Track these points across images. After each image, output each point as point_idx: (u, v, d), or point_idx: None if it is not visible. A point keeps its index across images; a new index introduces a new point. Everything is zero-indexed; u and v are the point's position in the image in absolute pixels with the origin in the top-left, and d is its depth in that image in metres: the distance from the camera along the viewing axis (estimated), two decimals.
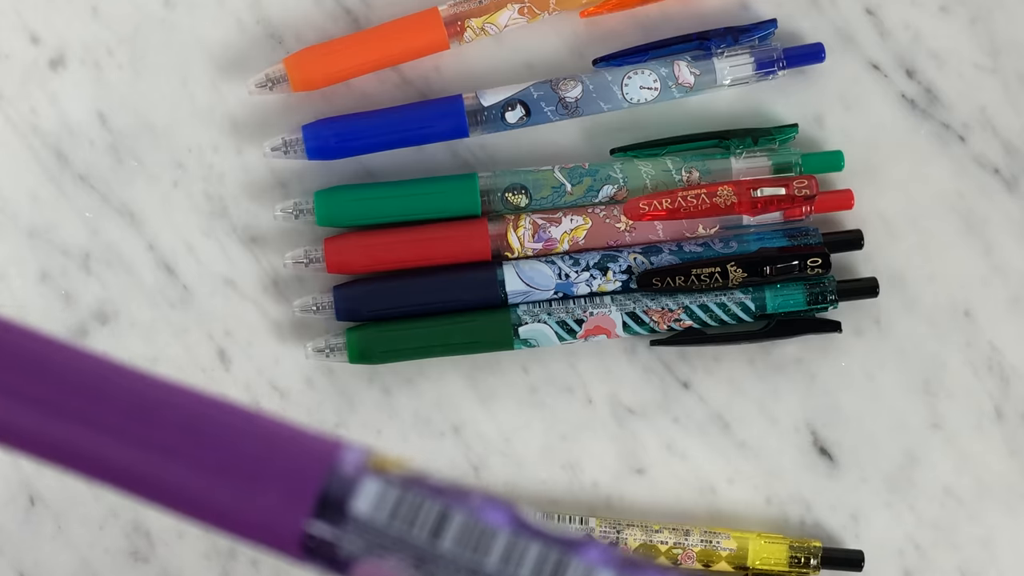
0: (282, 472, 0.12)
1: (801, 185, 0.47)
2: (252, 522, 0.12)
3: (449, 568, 0.12)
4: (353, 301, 0.48)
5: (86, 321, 0.49)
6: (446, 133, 0.48)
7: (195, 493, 0.12)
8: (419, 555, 0.12)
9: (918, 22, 0.50)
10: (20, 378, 0.12)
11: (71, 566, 0.49)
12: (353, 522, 0.12)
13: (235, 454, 0.12)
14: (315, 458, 0.12)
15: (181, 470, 0.12)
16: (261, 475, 0.12)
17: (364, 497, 0.12)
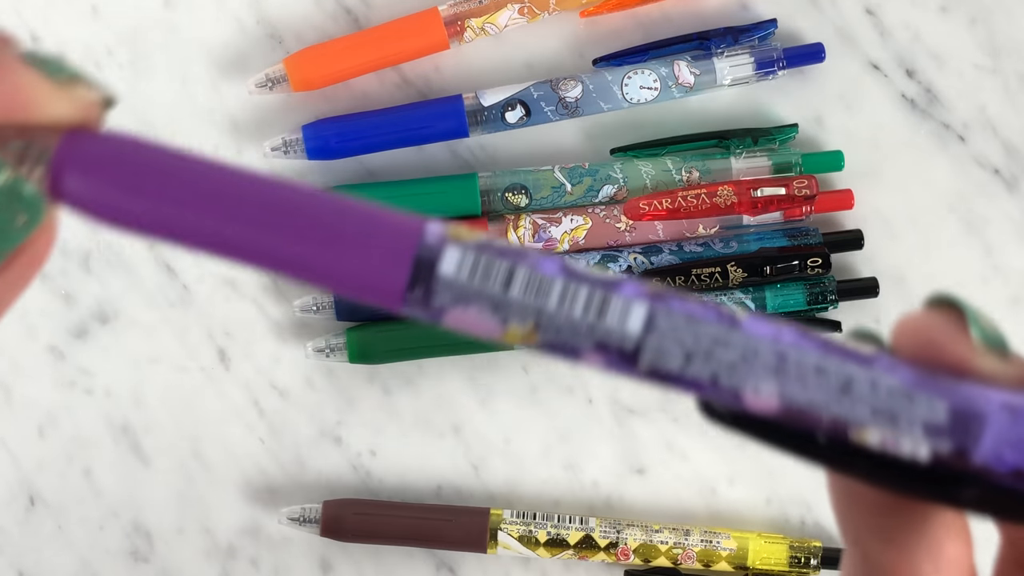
0: (385, 243, 0.16)
1: (801, 185, 0.47)
2: (366, 284, 0.17)
3: (518, 310, 0.16)
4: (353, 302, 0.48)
5: (86, 321, 0.49)
6: (446, 133, 0.48)
7: (324, 266, 0.16)
8: (495, 302, 0.16)
9: (918, 22, 0.50)
10: (201, 203, 0.17)
11: (71, 566, 0.49)
12: (440, 280, 0.16)
13: (349, 232, 0.16)
14: (408, 231, 0.17)
15: (314, 249, 0.16)
16: (371, 247, 0.16)
17: (448, 261, 0.16)
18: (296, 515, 0.47)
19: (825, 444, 0.17)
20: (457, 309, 0.17)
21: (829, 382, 0.16)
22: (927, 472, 0.17)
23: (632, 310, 0.17)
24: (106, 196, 0.17)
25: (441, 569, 0.49)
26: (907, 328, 0.17)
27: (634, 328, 0.16)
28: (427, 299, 0.17)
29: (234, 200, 0.17)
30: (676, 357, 0.16)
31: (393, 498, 0.49)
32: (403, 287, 0.17)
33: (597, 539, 0.47)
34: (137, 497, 0.49)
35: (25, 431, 0.49)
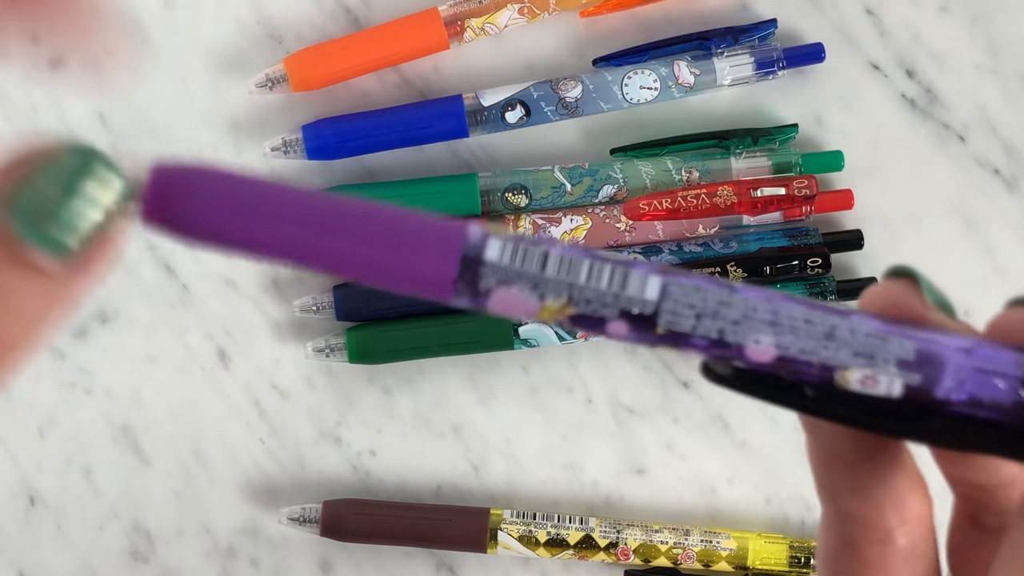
0: (436, 243, 0.19)
1: (801, 185, 0.47)
2: (421, 277, 0.20)
3: (553, 287, 0.20)
4: (353, 301, 0.48)
5: (86, 321, 0.49)
6: (446, 133, 0.48)
7: (382, 267, 0.19)
8: (533, 281, 0.20)
9: (918, 22, 0.50)
10: (266, 220, 0.19)
11: (71, 566, 0.49)
12: (486, 266, 0.20)
13: (403, 236, 0.19)
14: (454, 231, 0.20)
15: (372, 252, 0.19)
16: (423, 247, 0.19)
17: (491, 250, 0.20)
18: (296, 515, 0.47)
19: (813, 393, 0.20)
20: (500, 290, 0.20)
21: (816, 330, 0.19)
22: (900, 409, 0.19)
23: (649, 281, 0.20)
24: (202, 220, 0.20)
25: (441, 569, 0.49)
26: (873, 294, 0.20)
27: (652, 295, 0.19)
28: (475, 284, 0.20)
29: (310, 217, 0.20)
30: (688, 318, 0.19)
31: (393, 498, 0.49)
32: (454, 277, 0.20)
33: (597, 539, 0.47)
34: (137, 497, 0.49)
35: (25, 431, 0.49)
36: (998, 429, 0.19)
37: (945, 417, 0.20)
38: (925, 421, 0.20)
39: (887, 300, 0.20)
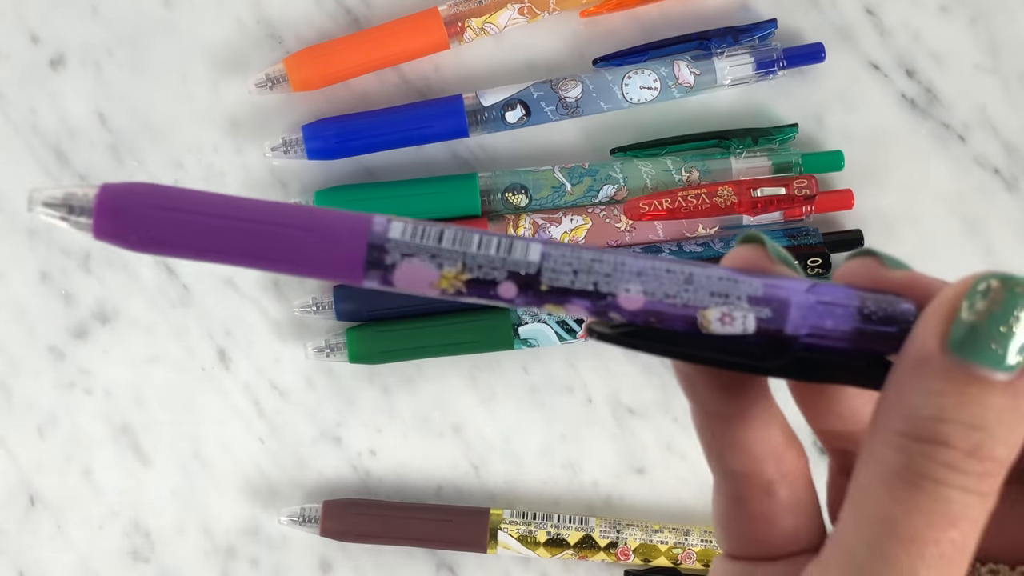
0: (347, 231, 0.22)
1: (801, 185, 0.47)
2: (335, 263, 0.22)
3: (448, 256, 0.22)
4: (353, 301, 0.48)
5: (86, 321, 0.49)
6: (446, 133, 0.48)
7: (301, 257, 0.22)
8: (431, 252, 0.23)
9: (918, 22, 0.50)
10: (197, 231, 0.22)
11: (71, 566, 0.49)
12: (391, 242, 0.22)
13: (317, 228, 0.22)
14: (361, 220, 0.23)
15: (292, 245, 0.22)
16: (336, 235, 0.22)
17: (394, 230, 0.23)
18: (296, 515, 0.47)
19: (682, 339, 0.22)
20: (404, 263, 0.22)
21: (677, 277, 0.22)
22: (757, 347, 0.22)
23: (531, 247, 0.22)
24: (136, 231, 0.22)
25: (441, 569, 0.49)
26: (728, 256, 0.23)
27: (534, 258, 0.22)
28: (381, 261, 0.22)
29: (232, 220, 0.23)
30: (567, 274, 0.22)
31: (393, 498, 0.49)
32: (363, 259, 0.22)
33: (597, 539, 0.47)
34: (137, 497, 0.49)
35: (25, 431, 0.49)
36: (844, 357, 0.22)
37: (796, 350, 0.22)
38: (780, 355, 0.22)
39: (738, 258, 0.22)
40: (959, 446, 0.18)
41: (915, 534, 0.18)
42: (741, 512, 0.23)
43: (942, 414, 0.19)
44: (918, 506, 0.18)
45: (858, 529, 0.19)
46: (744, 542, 0.23)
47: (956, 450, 0.18)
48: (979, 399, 0.19)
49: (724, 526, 0.23)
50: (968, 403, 0.19)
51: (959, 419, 0.19)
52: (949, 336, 0.19)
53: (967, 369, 0.19)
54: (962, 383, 0.19)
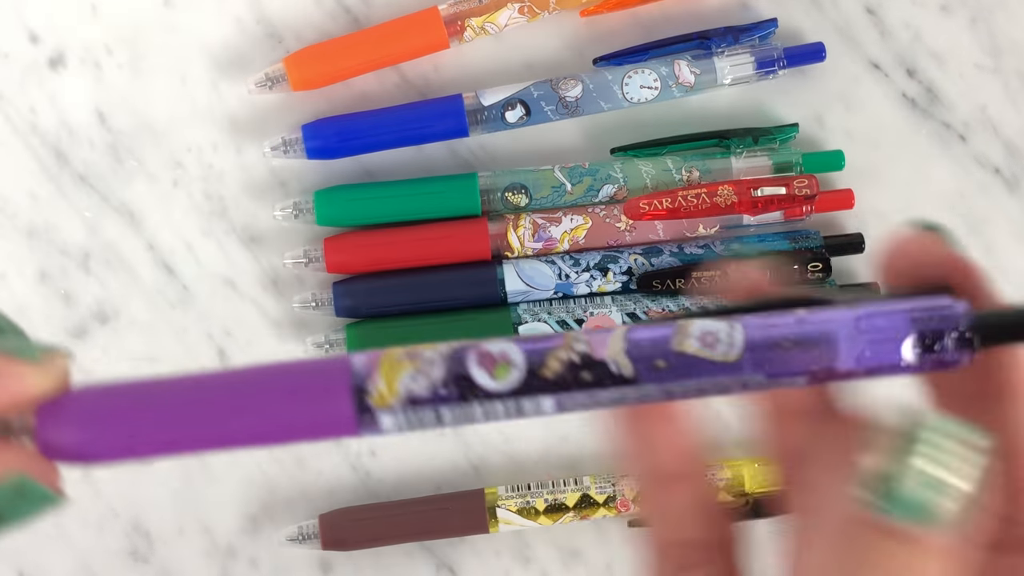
0: (325, 393, 0.20)
1: (801, 184, 0.47)
2: (325, 430, 0.20)
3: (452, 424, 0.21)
4: (353, 298, 0.48)
5: (86, 321, 0.49)
6: (446, 133, 0.48)
7: (278, 429, 0.20)
8: (431, 427, 0.21)
9: (919, 21, 0.50)
10: (167, 416, 0.20)
11: (71, 566, 0.49)
12: (386, 432, 0.20)
13: (291, 397, 0.20)
14: (339, 374, 0.20)
15: (266, 421, 0.20)
16: (319, 399, 0.20)
17: (385, 423, 0.20)
18: (294, 534, 0.47)
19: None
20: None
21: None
22: None
23: (543, 403, 0.21)
24: (91, 444, 0.20)
25: (441, 569, 0.49)
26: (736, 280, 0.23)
27: (548, 409, 0.21)
28: (377, 430, 0.20)
29: (196, 409, 0.20)
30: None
31: (392, 498, 0.49)
32: (354, 417, 0.20)
33: (594, 496, 0.47)
34: (137, 497, 0.49)
35: None
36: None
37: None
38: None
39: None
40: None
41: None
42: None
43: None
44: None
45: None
46: None
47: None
48: (903, 554, 0.18)
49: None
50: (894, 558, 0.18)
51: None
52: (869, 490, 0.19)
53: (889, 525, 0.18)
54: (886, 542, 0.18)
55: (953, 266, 0.21)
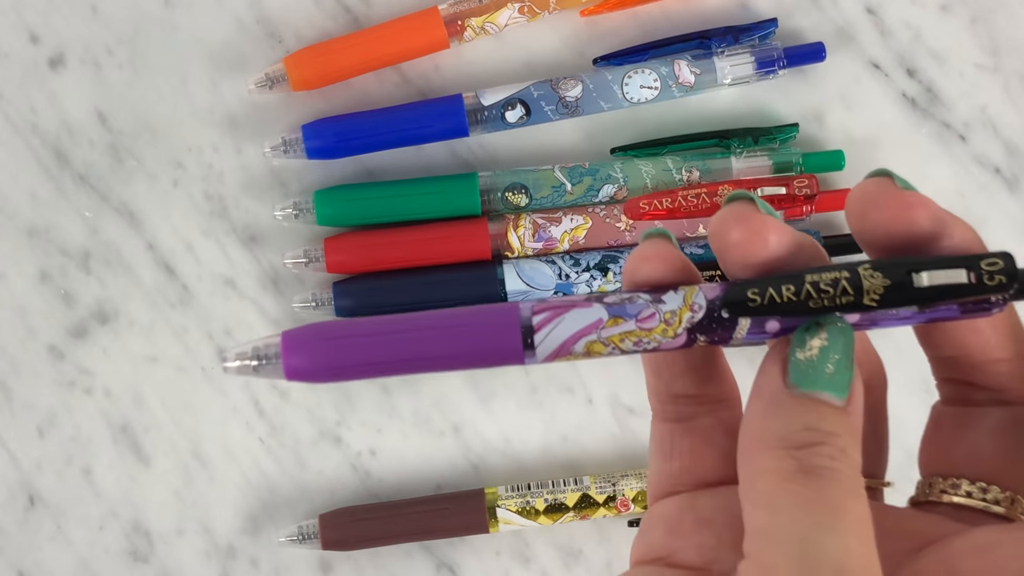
0: (502, 328, 0.23)
1: (802, 184, 0.47)
2: (500, 353, 0.23)
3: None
4: (353, 298, 0.48)
5: (86, 320, 0.49)
6: (446, 132, 0.48)
7: (469, 354, 0.23)
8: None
9: (919, 21, 0.50)
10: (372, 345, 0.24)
11: (71, 566, 0.49)
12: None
13: (472, 332, 0.24)
14: (512, 313, 0.24)
15: (461, 343, 0.23)
16: (499, 333, 0.23)
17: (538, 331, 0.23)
18: (294, 534, 0.47)
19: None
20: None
21: None
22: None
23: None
24: (319, 368, 0.24)
25: (441, 569, 0.49)
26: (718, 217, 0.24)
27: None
28: (533, 346, 0.24)
29: (417, 337, 0.24)
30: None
31: (393, 498, 0.49)
32: (520, 348, 0.23)
33: (594, 496, 0.47)
34: (137, 497, 0.49)
35: (25, 431, 0.49)
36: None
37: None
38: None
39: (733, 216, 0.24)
40: (832, 445, 0.22)
41: (836, 506, 0.21)
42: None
43: (808, 427, 0.22)
44: (825, 487, 0.21)
45: (779, 526, 0.21)
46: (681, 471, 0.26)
47: (831, 446, 0.22)
48: (829, 416, 0.22)
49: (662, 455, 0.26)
50: (823, 419, 0.22)
51: (823, 429, 0.22)
52: (789, 374, 0.22)
53: (812, 397, 0.22)
54: (812, 407, 0.22)
55: (910, 207, 0.23)
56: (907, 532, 0.24)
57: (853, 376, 0.22)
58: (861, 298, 0.22)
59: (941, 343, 0.25)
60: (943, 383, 0.26)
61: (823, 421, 0.22)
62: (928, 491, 0.26)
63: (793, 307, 0.23)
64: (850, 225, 0.24)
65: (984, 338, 0.25)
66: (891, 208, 0.23)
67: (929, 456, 0.27)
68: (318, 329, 0.24)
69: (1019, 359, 0.25)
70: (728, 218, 0.23)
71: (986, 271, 0.22)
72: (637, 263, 0.24)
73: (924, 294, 0.22)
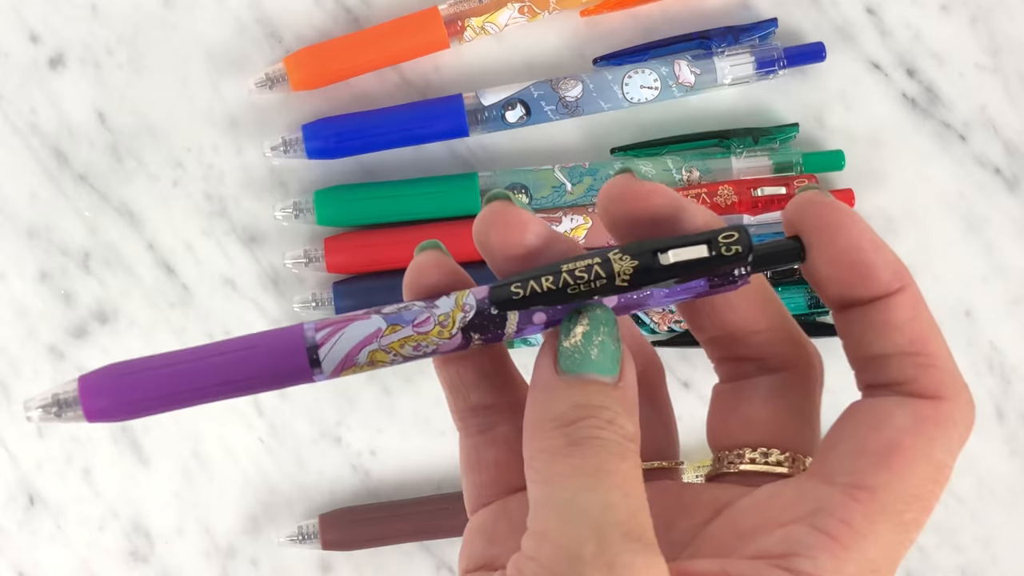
0: (287, 349, 0.24)
1: (802, 184, 0.47)
2: (288, 373, 0.24)
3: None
4: (353, 298, 0.48)
5: (86, 320, 0.49)
6: (446, 132, 0.48)
7: (260, 377, 0.24)
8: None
9: (919, 21, 0.50)
10: (173, 379, 0.24)
11: (71, 566, 0.49)
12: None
13: (259, 355, 0.24)
14: (296, 333, 0.24)
15: (251, 366, 0.24)
16: (285, 354, 0.24)
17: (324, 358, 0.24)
18: (295, 534, 0.47)
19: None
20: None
21: None
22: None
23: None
24: (115, 408, 0.25)
25: (441, 569, 0.49)
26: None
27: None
28: (318, 362, 0.24)
29: (206, 366, 0.24)
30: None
31: (393, 498, 0.49)
32: (308, 372, 0.24)
33: None
34: (137, 497, 0.49)
35: (25, 431, 0.49)
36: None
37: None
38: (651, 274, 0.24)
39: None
40: (599, 417, 0.23)
41: (598, 468, 0.22)
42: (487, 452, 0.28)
43: (576, 405, 0.23)
44: (590, 454, 0.23)
45: (550, 495, 0.23)
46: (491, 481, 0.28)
47: (597, 418, 0.23)
48: (598, 392, 0.23)
49: (471, 469, 0.28)
50: (591, 396, 0.23)
51: (590, 404, 0.23)
52: (559, 362, 0.24)
53: (580, 378, 0.23)
54: (580, 387, 0.23)
55: (652, 199, 0.25)
56: (702, 504, 0.26)
57: (620, 354, 0.24)
58: (613, 281, 0.24)
59: (706, 325, 0.27)
60: (718, 364, 0.28)
61: (592, 398, 0.23)
62: (718, 465, 0.28)
63: (554, 296, 0.24)
64: (602, 221, 0.25)
65: (740, 314, 0.26)
66: (632, 199, 0.25)
67: (715, 433, 0.28)
68: (112, 368, 0.24)
69: (773, 330, 0.26)
70: (487, 217, 0.25)
71: (724, 243, 0.23)
72: (414, 275, 0.26)
73: (670, 271, 0.24)
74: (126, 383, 0.24)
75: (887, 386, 0.24)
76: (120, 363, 0.24)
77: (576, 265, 0.24)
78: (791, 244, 0.24)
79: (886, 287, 0.24)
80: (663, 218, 0.25)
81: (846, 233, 0.24)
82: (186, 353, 0.24)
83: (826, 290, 0.24)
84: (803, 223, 0.24)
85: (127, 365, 0.24)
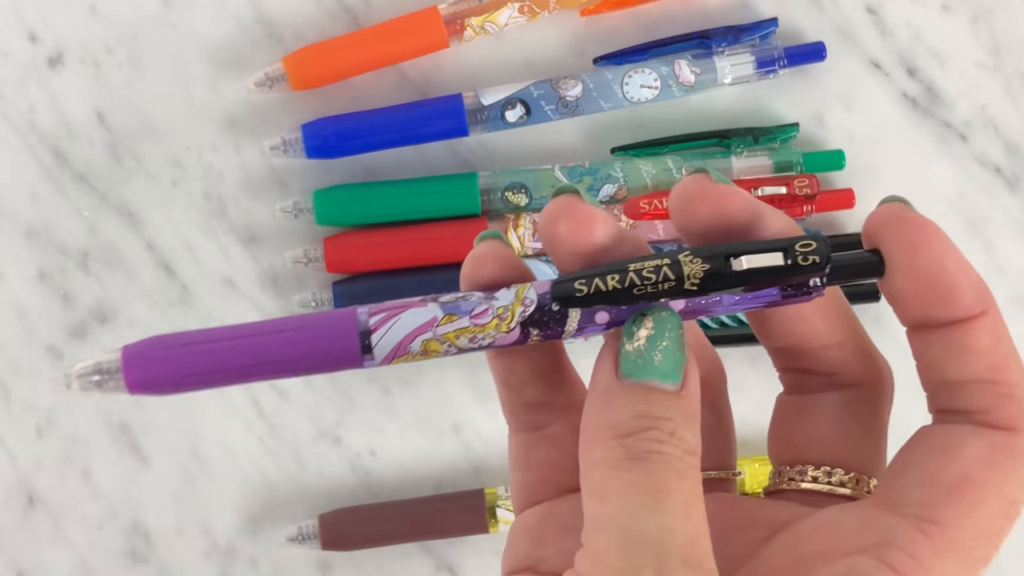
0: (340, 332, 0.24)
1: (802, 184, 0.47)
2: (339, 357, 0.23)
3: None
4: (353, 298, 0.48)
5: (85, 320, 0.49)
6: (446, 132, 0.48)
7: (309, 358, 0.24)
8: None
9: (919, 21, 0.50)
10: (220, 353, 0.24)
11: (70, 566, 0.49)
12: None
13: (309, 337, 0.24)
14: (350, 317, 0.24)
15: (302, 348, 0.23)
16: (337, 337, 0.23)
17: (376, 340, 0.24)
18: (294, 535, 0.47)
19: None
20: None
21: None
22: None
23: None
24: (160, 379, 0.24)
25: (441, 569, 0.49)
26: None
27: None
28: (371, 349, 0.24)
29: (255, 344, 0.24)
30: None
31: (393, 498, 0.49)
32: (359, 353, 0.24)
33: None
34: (136, 497, 0.49)
35: (24, 431, 0.49)
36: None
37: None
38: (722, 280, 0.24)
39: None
40: (661, 429, 0.22)
41: (659, 488, 0.22)
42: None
43: (637, 415, 0.22)
44: (651, 471, 0.22)
45: (608, 513, 0.22)
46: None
47: (659, 431, 0.22)
48: (660, 401, 0.22)
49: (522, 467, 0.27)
50: (652, 405, 0.22)
51: (651, 415, 0.22)
52: (620, 366, 0.23)
53: (642, 385, 0.23)
54: (641, 394, 0.23)
55: (726, 202, 0.24)
56: (760, 521, 0.25)
57: (685, 361, 0.23)
58: (682, 284, 0.23)
59: (774, 333, 0.26)
60: (783, 373, 0.27)
61: (653, 407, 0.22)
62: (779, 480, 0.26)
63: (619, 296, 0.23)
64: (674, 223, 0.25)
65: (812, 326, 0.25)
66: (708, 201, 0.24)
67: (776, 446, 0.27)
68: (157, 340, 0.24)
69: (845, 344, 0.25)
70: (556, 210, 0.24)
71: (800, 252, 0.23)
72: (473, 265, 0.25)
73: (742, 278, 0.23)
74: (171, 357, 0.23)
75: (961, 413, 0.23)
76: (165, 335, 0.24)
77: (644, 265, 0.23)
78: (870, 258, 0.23)
79: (968, 310, 0.23)
80: (741, 223, 0.24)
81: (930, 251, 0.23)
82: (230, 330, 0.24)
83: (903, 308, 0.23)
84: (884, 237, 0.23)
85: (172, 338, 0.24)
